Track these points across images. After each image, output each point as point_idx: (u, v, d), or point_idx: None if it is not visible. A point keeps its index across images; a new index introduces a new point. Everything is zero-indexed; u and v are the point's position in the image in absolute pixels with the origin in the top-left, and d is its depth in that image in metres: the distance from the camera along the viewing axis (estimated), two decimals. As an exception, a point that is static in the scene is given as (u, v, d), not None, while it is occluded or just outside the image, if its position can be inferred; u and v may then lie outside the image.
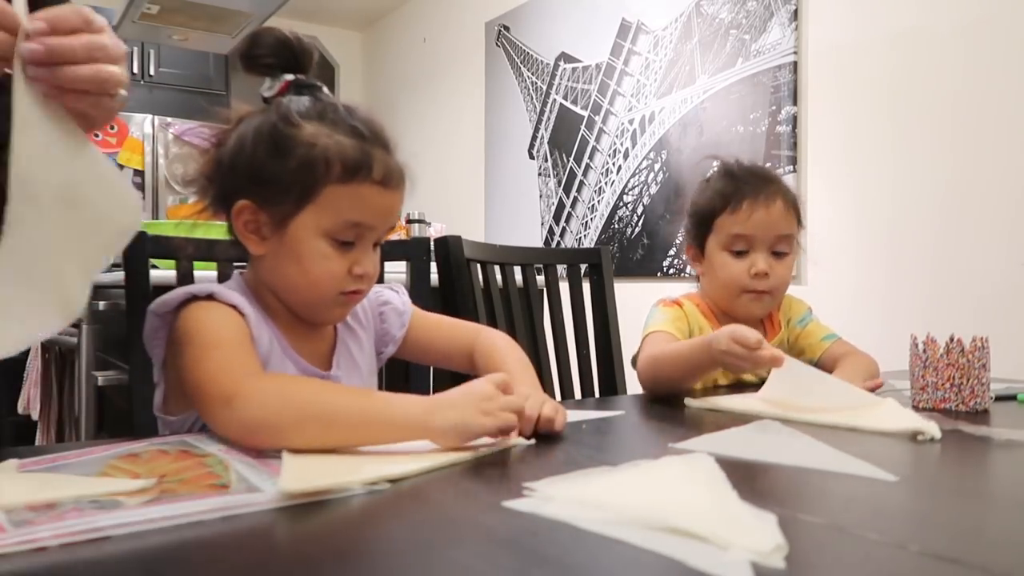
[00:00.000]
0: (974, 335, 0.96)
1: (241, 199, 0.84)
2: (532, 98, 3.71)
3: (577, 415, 0.89)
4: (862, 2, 2.36)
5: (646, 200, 3.09)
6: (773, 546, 0.43)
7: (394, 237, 1.18)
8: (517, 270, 1.52)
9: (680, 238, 1.39)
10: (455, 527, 0.51)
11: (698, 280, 1.33)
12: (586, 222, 3.38)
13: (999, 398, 1.04)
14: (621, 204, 3.20)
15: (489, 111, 4.00)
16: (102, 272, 0.73)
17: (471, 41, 4.13)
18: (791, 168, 2.52)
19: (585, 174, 3.39)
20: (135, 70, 4.35)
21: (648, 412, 1.00)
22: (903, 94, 2.24)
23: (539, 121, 3.66)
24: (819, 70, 2.48)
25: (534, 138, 3.69)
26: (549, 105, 3.60)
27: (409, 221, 2.83)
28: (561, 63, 3.53)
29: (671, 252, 2.97)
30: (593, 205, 3.35)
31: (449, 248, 1.36)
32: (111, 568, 0.44)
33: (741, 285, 1.22)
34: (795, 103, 2.52)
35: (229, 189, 0.85)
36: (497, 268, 1.48)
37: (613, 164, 3.24)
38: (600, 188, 3.31)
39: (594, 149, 3.34)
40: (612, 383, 1.57)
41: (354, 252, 0.85)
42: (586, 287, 1.60)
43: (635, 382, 1.47)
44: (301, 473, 0.59)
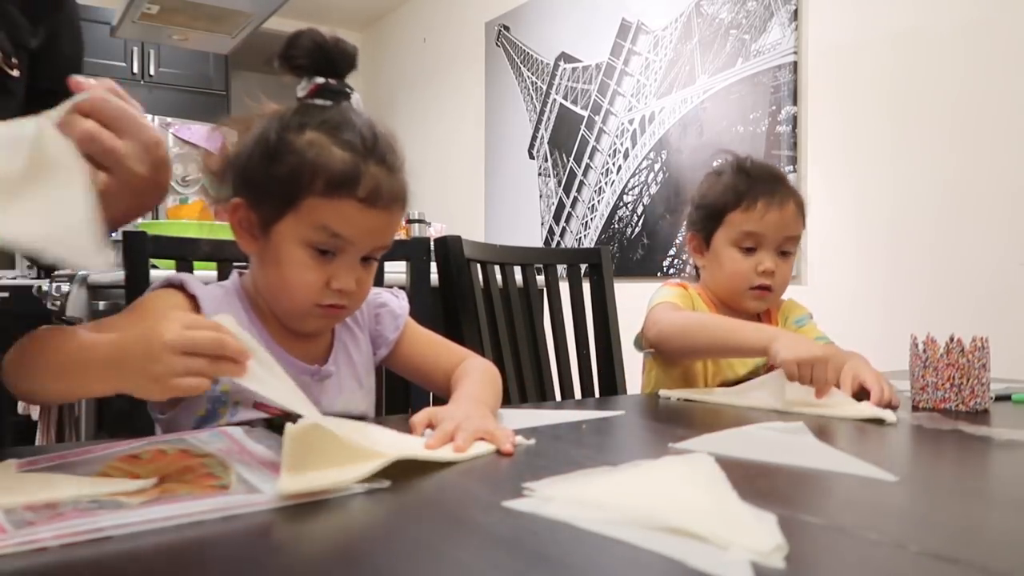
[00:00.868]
0: (974, 335, 0.96)
1: (237, 196, 0.86)
2: (532, 98, 3.71)
3: (577, 415, 0.89)
4: (862, 2, 2.36)
5: (646, 200, 3.09)
6: (773, 546, 0.43)
7: (395, 237, 1.17)
8: (517, 270, 1.52)
9: (683, 229, 1.40)
10: (455, 527, 0.51)
11: (696, 272, 1.35)
12: (586, 222, 3.38)
13: (997, 398, 1.04)
14: (621, 204, 3.20)
15: (489, 111, 4.00)
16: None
17: (471, 41, 4.13)
18: (791, 168, 2.52)
19: (585, 174, 3.39)
20: (135, 70, 4.35)
21: (648, 412, 1.00)
22: (903, 94, 2.24)
23: (539, 121, 3.66)
24: (819, 70, 2.48)
25: (534, 138, 3.69)
26: (549, 105, 3.60)
27: (409, 221, 2.83)
28: (561, 63, 3.53)
29: (671, 252, 2.97)
30: (593, 205, 3.35)
31: (449, 248, 1.36)
32: (111, 568, 0.44)
33: (748, 281, 1.24)
34: (795, 103, 2.52)
35: (233, 182, 0.87)
36: (497, 268, 1.48)
37: (613, 164, 3.24)
38: (600, 188, 3.31)
39: (594, 149, 3.34)
40: (612, 383, 1.56)
41: (334, 265, 0.84)
42: (586, 287, 1.60)
43: (635, 382, 1.47)
44: (300, 473, 0.59)
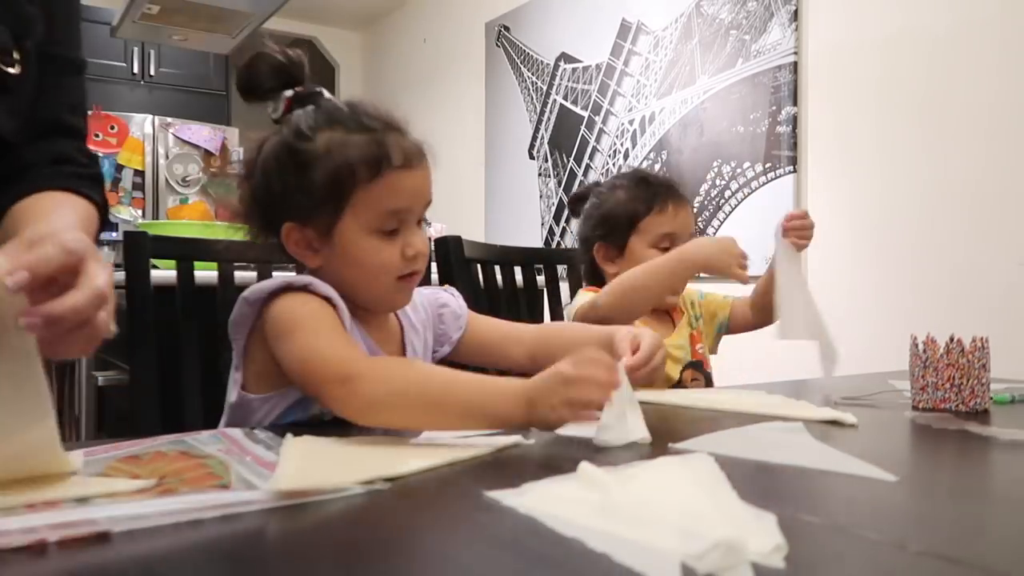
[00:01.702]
0: (974, 335, 0.96)
1: (285, 222, 0.88)
2: (532, 98, 3.71)
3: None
4: (862, 3, 2.36)
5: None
6: (773, 546, 0.43)
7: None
8: (517, 270, 1.52)
9: (577, 244, 1.46)
10: (455, 527, 0.51)
11: (599, 280, 1.40)
12: (586, 222, 3.38)
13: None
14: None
15: (489, 111, 4.00)
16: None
17: (471, 41, 4.13)
18: (791, 168, 2.52)
19: (585, 174, 3.39)
20: (135, 70, 4.35)
21: (648, 412, 1.00)
22: (903, 94, 2.24)
23: (539, 121, 3.66)
24: (819, 70, 2.48)
25: (534, 138, 3.69)
26: (549, 105, 3.60)
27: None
28: (561, 63, 3.53)
29: (671, 252, 2.97)
30: (593, 205, 3.34)
31: (449, 248, 1.36)
32: (111, 568, 0.44)
33: None
34: (795, 103, 2.52)
35: (270, 216, 0.89)
36: (497, 268, 1.48)
37: (613, 164, 3.24)
38: (600, 188, 3.31)
39: (594, 149, 3.34)
40: (612, 383, 1.56)
41: (402, 236, 0.88)
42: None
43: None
44: (296, 472, 0.59)
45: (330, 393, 0.76)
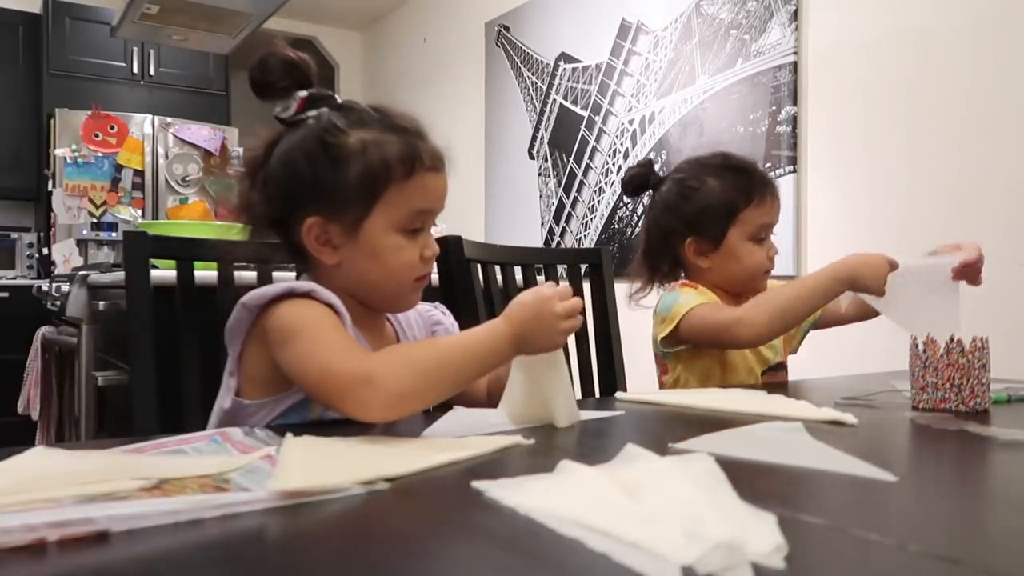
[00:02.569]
0: (974, 335, 0.96)
1: (308, 216, 0.88)
2: (532, 98, 3.71)
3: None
4: (862, 3, 2.36)
5: (646, 200, 3.08)
6: (773, 546, 0.43)
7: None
8: (518, 270, 1.52)
9: (657, 239, 1.41)
10: (455, 527, 0.51)
11: (680, 274, 1.37)
12: (586, 222, 3.38)
13: None
14: (621, 204, 3.21)
15: (489, 111, 4.00)
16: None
17: (471, 41, 4.13)
18: (791, 168, 2.52)
19: (585, 174, 3.39)
20: (135, 70, 4.35)
21: (648, 412, 1.00)
22: (903, 94, 2.24)
23: (539, 121, 3.66)
24: (819, 70, 2.48)
25: (534, 138, 3.69)
26: (549, 105, 3.60)
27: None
28: (561, 63, 3.53)
29: (671, 252, 2.97)
30: (593, 205, 3.35)
31: (449, 248, 1.36)
32: (111, 568, 0.44)
33: (763, 268, 1.32)
34: (795, 103, 2.52)
35: (289, 210, 0.89)
36: (498, 268, 1.48)
37: (613, 164, 3.24)
38: (600, 188, 3.31)
39: (594, 149, 3.34)
40: (612, 383, 1.56)
41: (422, 238, 0.91)
42: (586, 287, 1.59)
43: (635, 382, 1.47)
44: (296, 472, 0.59)
45: (354, 397, 0.76)
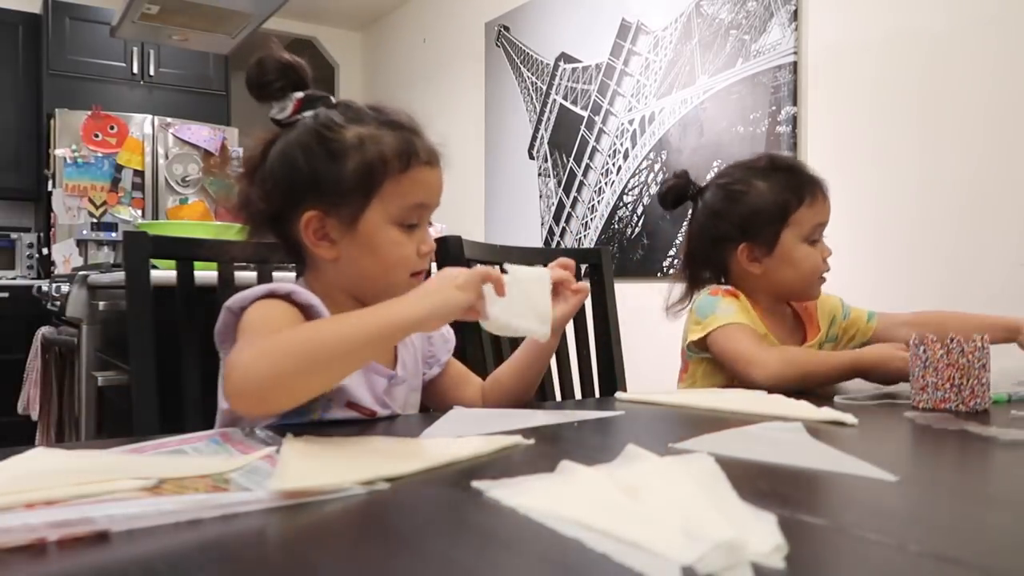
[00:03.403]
0: (974, 335, 0.96)
1: (306, 211, 0.88)
2: (532, 98, 3.71)
3: (577, 415, 0.89)
4: (861, 3, 2.36)
5: (646, 200, 3.09)
6: (773, 546, 0.43)
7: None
8: (517, 270, 1.52)
9: (703, 246, 1.38)
10: (455, 527, 0.51)
11: (721, 280, 1.34)
12: (586, 222, 3.38)
13: None
14: (621, 204, 3.21)
15: (489, 111, 4.00)
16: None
17: (471, 41, 4.13)
18: (791, 168, 2.52)
19: (585, 174, 3.39)
20: (135, 70, 4.35)
21: (648, 412, 1.00)
22: (903, 94, 2.24)
23: (539, 121, 3.66)
24: (819, 70, 2.48)
25: (534, 138, 3.69)
26: (549, 105, 3.60)
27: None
28: (561, 63, 3.53)
29: (671, 252, 2.97)
30: (593, 205, 3.35)
31: (449, 248, 1.36)
32: (111, 568, 0.44)
33: (819, 271, 1.30)
34: (795, 103, 2.52)
35: (288, 206, 0.89)
36: (497, 268, 1.48)
37: (613, 164, 3.24)
38: (600, 188, 3.31)
39: (594, 149, 3.34)
40: (612, 383, 1.56)
41: (418, 233, 0.92)
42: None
43: (635, 383, 1.47)
44: (296, 472, 0.59)
45: (225, 389, 0.72)
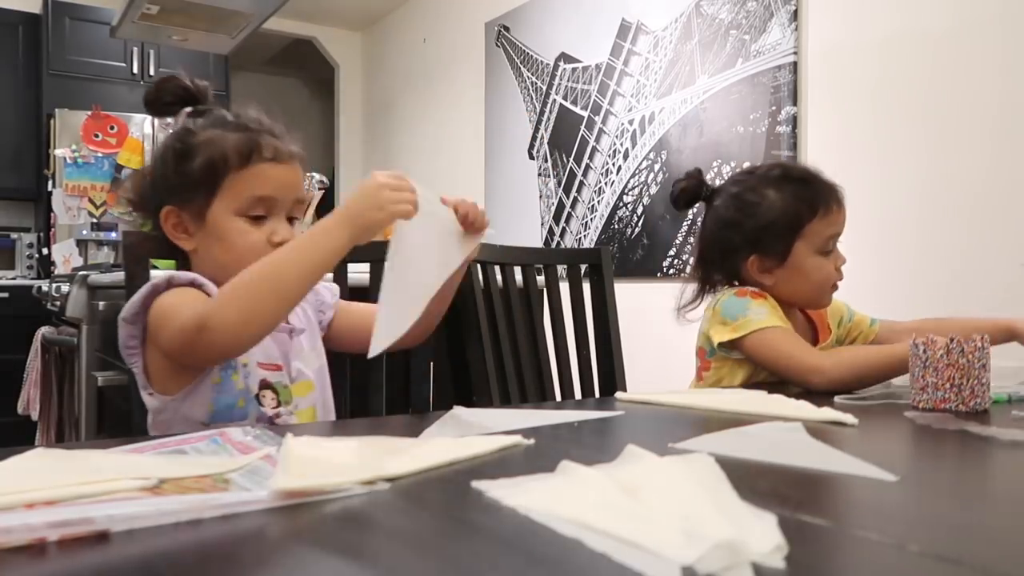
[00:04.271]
0: (973, 335, 0.96)
1: (165, 206, 0.99)
2: (532, 98, 3.71)
3: (577, 415, 0.89)
4: (862, 3, 2.36)
5: (646, 200, 3.09)
6: (773, 546, 0.43)
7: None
8: (517, 270, 1.52)
9: (714, 257, 1.36)
10: (455, 527, 0.51)
11: (734, 283, 1.32)
12: (586, 222, 3.38)
13: None
14: (621, 204, 3.21)
15: (489, 111, 4.00)
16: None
17: (471, 41, 4.13)
18: (791, 168, 2.52)
19: (585, 174, 3.39)
20: (135, 70, 4.35)
21: (648, 412, 1.00)
22: (903, 94, 2.24)
23: (539, 121, 3.66)
24: (819, 70, 2.48)
25: (534, 138, 3.69)
26: (549, 105, 3.60)
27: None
28: (561, 63, 3.53)
29: (671, 252, 2.97)
30: (593, 205, 3.35)
31: (449, 248, 1.36)
32: (111, 568, 0.44)
33: (831, 281, 1.29)
34: (795, 103, 2.52)
35: (155, 202, 1.00)
36: (497, 268, 1.48)
37: (613, 164, 3.24)
38: (600, 188, 3.31)
39: (594, 149, 3.34)
40: (612, 383, 1.56)
41: (268, 225, 0.98)
42: (586, 287, 1.60)
43: (636, 383, 1.47)
44: (296, 472, 0.59)
45: (201, 346, 0.84)
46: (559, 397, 1.50)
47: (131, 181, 1.05)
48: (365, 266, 1.41)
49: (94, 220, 3.98)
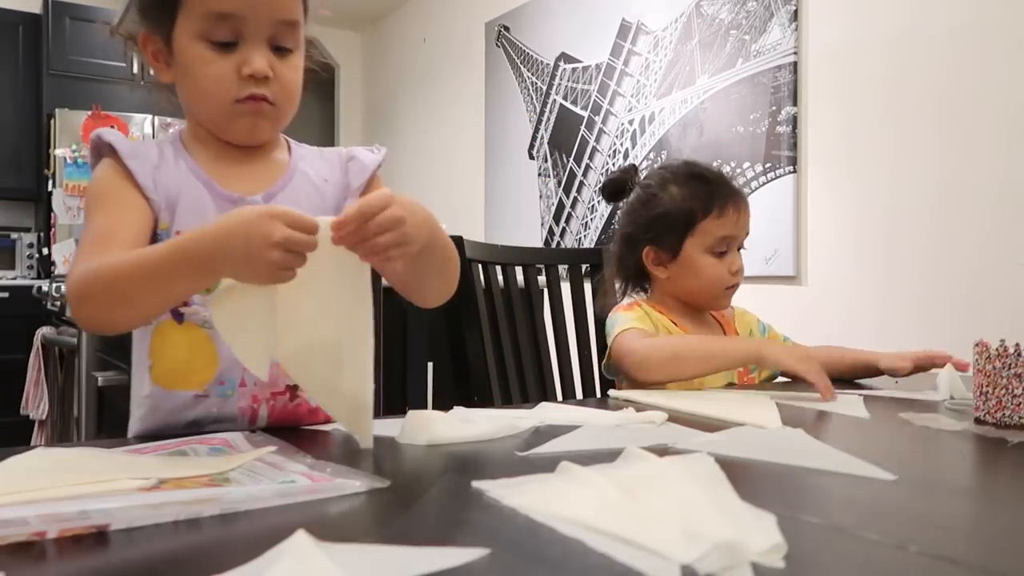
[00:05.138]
0: (1002, 339, 0.90)
1: (141, 30, 0.91)
2: (532, 98, 3.71)
3: (576, 414, 0.89)
4: (862, 3, 2.36)
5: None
6: (773, 546, 0.43)
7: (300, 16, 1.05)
8: (518, 270, 1.52)
9: (616, 246, 1.38)
10: (455, 527, 0.51)
11: (643, 280, 1.35)
12: (586, 222, 3.38)
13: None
14: (621, 204, 3.20)
15: (489, 111, 4.00)
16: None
17: (471, 41, 4.13)
18: (791, 168, 2.52)
19: (585, 174, 3.39)
20: (135, 70, 4.35)
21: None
22: (903, 94, 2.24)
23: (539, 121, 3.66)
24: (819, 70, 2.48)
25: (534, 138, 3.69)
26: (549, 105, 3.60)
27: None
28: (561, 63, 3.53)
29: (671, 252, 2.97)
30: (593, 205, 3.35)
31: (449, 248, 1.36)
32: (111, 568, 0.44)
33: (724, 283, 1.28)
34: (795, 103, 2.52)
35: (133, 27, 0.93)
36: (498, 268, 1.48)
37: (613, 164, 3.24)
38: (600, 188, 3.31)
39: (594, 149, 3.34)
40: (612, 383, 1.56)
41: (239, 53, 0.84)
42: (587, 287, 1.60)
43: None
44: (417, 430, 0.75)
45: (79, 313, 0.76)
46: (559, 397, 1.50)
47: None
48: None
49: (94, 220, 3.97)
